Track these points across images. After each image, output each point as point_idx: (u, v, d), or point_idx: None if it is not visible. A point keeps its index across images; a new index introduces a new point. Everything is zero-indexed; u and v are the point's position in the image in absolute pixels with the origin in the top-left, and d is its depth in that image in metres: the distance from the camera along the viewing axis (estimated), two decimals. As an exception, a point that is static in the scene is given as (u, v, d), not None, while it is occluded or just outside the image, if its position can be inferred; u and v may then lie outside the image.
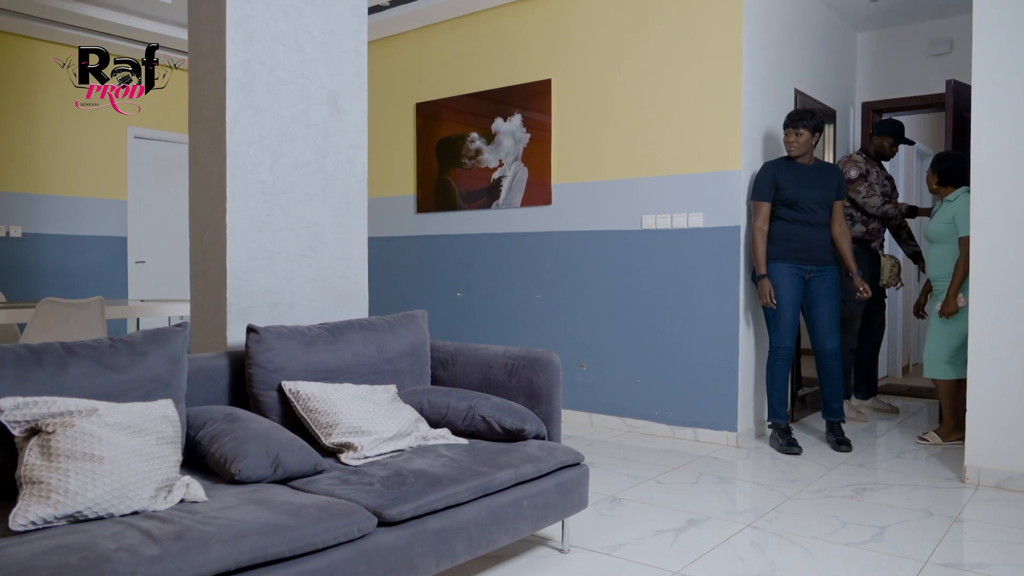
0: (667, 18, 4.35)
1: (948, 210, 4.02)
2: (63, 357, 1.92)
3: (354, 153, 3.12)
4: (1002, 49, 3.39)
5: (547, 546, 2.65)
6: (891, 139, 4.77)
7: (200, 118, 2.80)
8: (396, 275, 5.66)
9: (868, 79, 5.56)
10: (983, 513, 3.05)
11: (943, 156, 4.21)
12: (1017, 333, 3.34)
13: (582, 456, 2.55)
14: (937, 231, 4.07)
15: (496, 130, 5.07)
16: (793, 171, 4.02)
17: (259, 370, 2.41)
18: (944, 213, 4.04)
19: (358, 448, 2.25)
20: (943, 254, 4.05)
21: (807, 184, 4.01)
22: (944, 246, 4.04)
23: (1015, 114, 3.36)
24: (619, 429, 4.53)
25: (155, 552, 1.49)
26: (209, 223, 2.77)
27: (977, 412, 3.44)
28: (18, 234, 5.97)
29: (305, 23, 2.93)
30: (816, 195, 4.02)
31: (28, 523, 1.58)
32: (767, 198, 4.02)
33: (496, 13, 5.09)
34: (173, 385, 2.10)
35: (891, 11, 5.13)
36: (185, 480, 1.88)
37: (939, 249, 4.07)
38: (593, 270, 4.64)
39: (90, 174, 6.38)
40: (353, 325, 2.72)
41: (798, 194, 3.99)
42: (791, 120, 4.03)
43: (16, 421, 1.74)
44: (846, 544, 2.69)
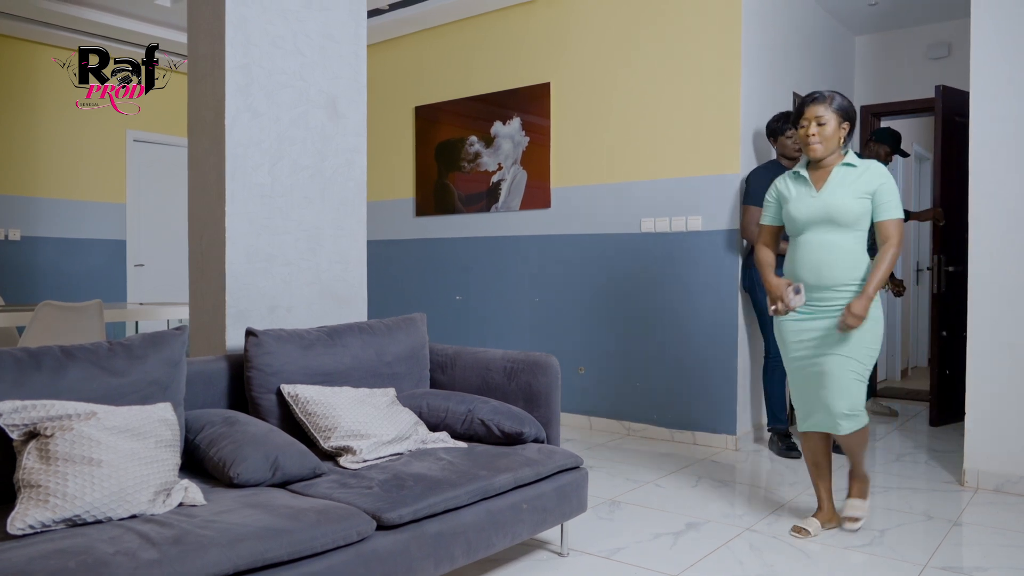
0: (666, 22, 4.36)
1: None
2: (61, 360, 1.92)
3: (353, 156, 3.12)
4: (999, 54, 3.39)
5: (546, 550, 2.65)
6: (888, 147, 4.76)
7: (199, 121, 2.81)
8: (395, 278, 5.66)
9: (866, 83, 5.57)
10: (982, 516, 3.04)
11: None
12: (1015, 335, 3.34)
13: (581, 459, 2.54)
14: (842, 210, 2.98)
15: (495, 133, 5.08)
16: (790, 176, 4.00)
17: (258, 373, 2.40)
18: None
19: (357, 452, 2.25)
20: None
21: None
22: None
23: (1013, 118, 3.36)
24: (618, 432, 4.53)
25: (153, 556, 1.49)
26: (208, 226, 2.77)
27: (976, 415, 3.44)
28: (17, 237, 5.96)
29: (303, 27, 2.93)
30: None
31: (26, 527, 1.58)
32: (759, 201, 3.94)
33: (495, 17, 5.09)
34: (172, 388, 2.10)
35: (889, 15, 5.14)
36: (183, 484, 1.88)
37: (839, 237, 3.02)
38: (592, 273, 4.64)
39: (89, 177, 6.37)
40: (352, 328, 2.72)
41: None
42: (787, 120, 3.98)
43: (14, 424, 1.73)
44: (845, 547, 2.69)
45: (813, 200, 2.73)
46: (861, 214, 2.68)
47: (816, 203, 2.72)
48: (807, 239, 2.74)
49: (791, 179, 2.85)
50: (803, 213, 2.75)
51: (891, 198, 2.67)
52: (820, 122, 2.71)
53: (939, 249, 4.60)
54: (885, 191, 2.68)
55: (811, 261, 2.72)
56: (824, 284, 2.70)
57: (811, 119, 2.73)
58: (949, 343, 4.65)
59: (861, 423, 2.74)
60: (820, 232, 2.72)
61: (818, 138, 2.71)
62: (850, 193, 2.68)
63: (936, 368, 4.66)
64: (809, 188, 2.76)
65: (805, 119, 2.75)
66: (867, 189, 2.68)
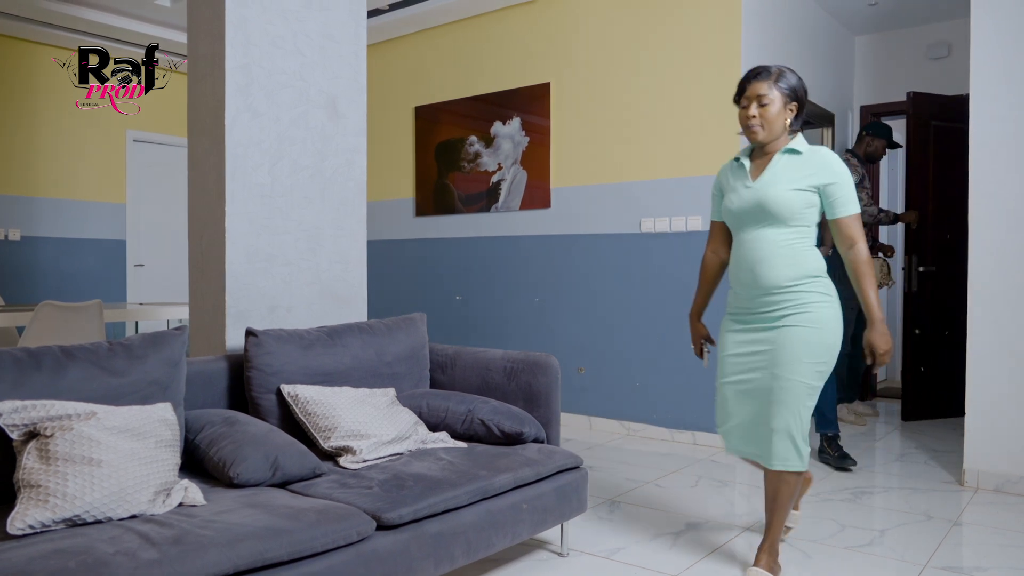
0: (666, 22, 4.36)
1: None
2: (61, 360, 1.91)
3: (353, 156, 3.12)
4: (999, 54, 3.39)
5: (546, 550, 2.65)
6: (885, 141, 4.78)
7: (199, 121, 2.81)
8: (395, 278, 5.66)
9: (866, 83, 5.57)
10: (982, 516, 3.04)
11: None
12: (1015, 337, 3.34)
13: (581, 460, 2.54)
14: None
15: (495, 133, 5.08)
16: None
17: (258, 373, 2.40)
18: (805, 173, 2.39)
19: (357, 452, 2.25)
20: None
21: None
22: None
23: (1012, 118, 3.36)
24: (618, 432, 4.53)
25: (153, 556, 1.49)
26: (208, 226, 2.77)
27: (976, 415, 3.44)
28: (17, 237, 5.96)
29: (303, 27, 2.93)
30: None
31: (26, 527, 1.58)
32: None
33: (495, 17, 5.09)
34: (172, 388, 2.10)
35: (889, 15, 5.14)
36: (183, 484, 1.88)
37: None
38: (592, 273, 4.64)
39: (89, 177, 6.37)
40: (352, 328, 2.72)
41: None
42: None
43: (14, 424, 1.73)
44: (845, 548, 2.69)
45: (747, 191, 2.34)
46: (802, 207, 2.27)
47: (749, 195, 2.33)
48: (744, 236, 2.36)
49: (731, 167, 2.47)
50: (736, 205, 2.37)
51: (847, 191, 2.27)
52: (762, 102, 2.30)
53: (911, 250, 4.81)
54: (840, 184, 2.27)
55: (746, 260, 2.34)
56: (761, 287, 2.30)
57: (752, 98, 2.33)
58: (922, 340, 4.84)
59: (798, 464, 2.27)
60: (756, 227, 2.32)
61: (759, 120, 2.31)
62: (789, 183, 2.27)
63: (910, 365, 4.85)
64: (746, 178, 2.37)
65: (746, 98, 2.35)
66: (814, 181, 2.27)
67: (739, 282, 2.38)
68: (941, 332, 4.82)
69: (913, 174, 4.84)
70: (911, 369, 4.85)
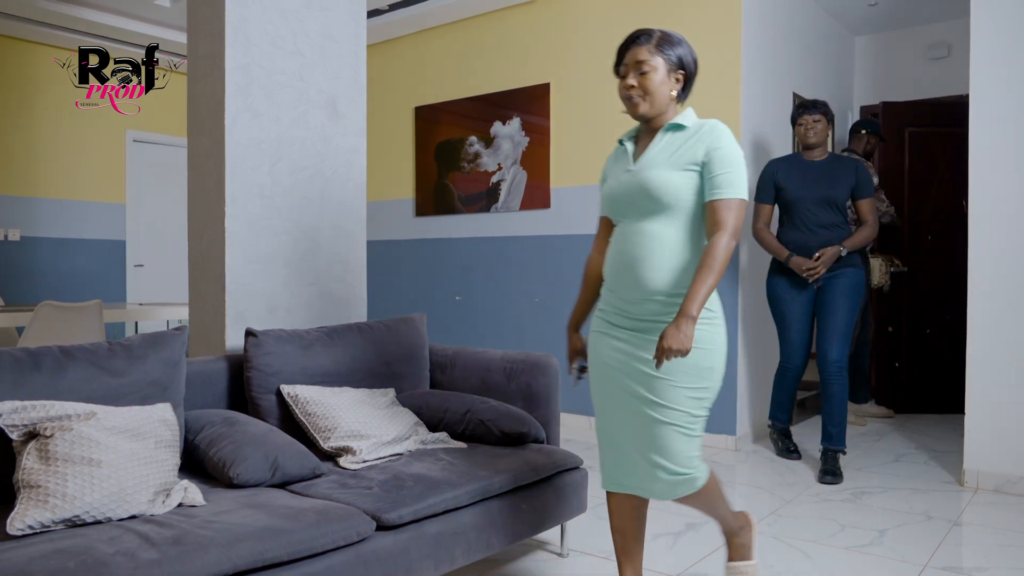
0: (665, 22, 4.34)
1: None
2: (61, 361, 1.91)
3: (352, 157, 3.12)
4: (999, 54, 3.39)
5: (546, 550, 2.65)
6: (879, 138, 4.80)
7: (199, 121, 2.81)
8: (395, 279, 5.66)
9: (866, 83, 5.57)
10: (982, 516, 3.04)
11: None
12: (1014, 336, 3.34)
13: (581, 460, 2.54)
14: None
15: (495, 134, 5.08)
16: (799, 168, 3.68)
17: (257, 374, 2.40)
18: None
19: (356, 452, 2.25)
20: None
21: (809, 183, 3.62)
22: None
23: (1012, 118, 3.36)
24: (618, 433, 4.52)
25: (153, 556, 1.49)
26: (207, 226, 2.77)
27: (976, 415, 3.44)
28: (16, 237, 5.96)
29: (303, 27, 2.93)
30: (817, 195, 3.59)
31: (26, 527, 1.58)
32: (766, 199, 3.75)
33: (495, 17, 5.09)
34: (171, 389, 2.10)
35: (889, 15, 5.14)
36: (183, 484, 1.88)
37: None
38: (592, 274, 4.63)
39: (88, 178, 6.37)
40: (351, 329, 2.72)
41: (796, 195, 3.63)
42: (805, 108, 3.69)
43: (14, 425, 1.73)
44: (845, 548, 2.69)
45: (627, 176, 1.96)
46: (688, 193, 1.87)
47: (628, 179, 1.95)
48: (623, 229, 1.97)
49: (615, 151, 2.11)
50: (613, 192, 1.99)
51: (728, 170, 1.85)
52: (642, 69, 1.93)
53: (887, 250, 5.01)
54: (720, 159, 1.86)
55: (621, 258, 1.93)
56: (643, 290, 1.88)
57: (631, 66, 1.97)
58: (895, 337, 5.13)
59: (694, 484, 1.93)
60: (637, 219, 1.92)
61: (640, 91, 1.94)
62: (670, 163, 1.89)
63: (885, 361, 5.15)
64: (628, 161, 2.00)
65: (624, 65, 1.99)
66: (694, 158, 1.87)
67: (617, 282, 1.96)
68: (917, 330, 5.10)
69: (889, 179, 5.10)
70: (886, 365, 5.17)
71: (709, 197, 1.86)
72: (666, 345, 1.76)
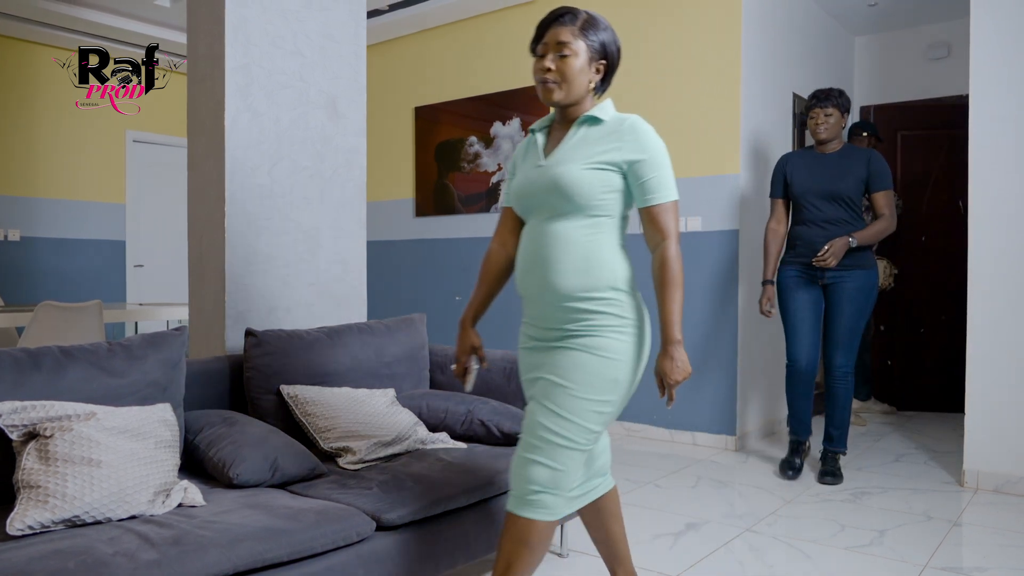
0: (666, 23, 4.36)
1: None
2: (61, 361, 1.91)
3: (352, 157, 3.12)
4: (999, 54, 3.39)
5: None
6: (877, 138, 4.84)
7: (199, 121, 2.81)
8: (394, 279, 5.66)
9: (866, 83, 5.57)
10: (982, 517, 3.04)
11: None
12: (1014, 337, 3.34)
13: (581, 460, 2.54)
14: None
15: (495, 134, 5.08)
16: (808, 161, 3.55)
17: (257, 374, 2.40)
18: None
19: (356, 452, 2.25)
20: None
21: (818, 176, 3.48)
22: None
23: (1012, 118, 3.36)
24: (617, 433, 4.53)
25: (153, 557, 1.49)
26: (207, 227, 2.77)
27: (976, 416, 3.44)
28: (16, 238, 5.96)
29: (303, 27, 2.93)
30: (825, 188, 3.44)
31: (26, 527, 1.58)
32: (777, 194, 3.64)
33: (495, 17, 5.09)
34: (171, 389, 2.10)
35: (889, 15, 5.14)
36: (183, 484, 1.88)
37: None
38: (592, 274, 4.63)
39: (88, 178, 6.37)
40: (351, 329, 2.71)
41: (801, 188, 3.51)
42: (817, 99, 3.50)
43: (14, 425, 1.73)
44: (845, 548, 2.69)
45: (536, 171, 1.81)
46: (601, 192, 1.73)
47: (537, 175, 1.80)
48: (532, 229, 1.82)
49: (526, 142, 1.95)
50: (521, 188, 1.84)
51: (658, 172, 1.73)
52: (563, 52, 1.77)
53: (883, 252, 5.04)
54: (650, 163, 1.73)
55: (530, 260, 1.80)
56: (553, 294, 1.75)
57: (551, 45, 1.78)
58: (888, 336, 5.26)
59: (548, 508, 1.70)
60: (546, 218, 1.78)
61: (557, 76, 1.77)
62: (585, 159, 1.74)
63: (877, 359, 5.24)
64: (538, 154, 1.84)
65: (544, 44, 1.80)
66: (615, 157, 1.73)
67: (526, 285, 1.82)
68: (911, 329, 5.23)
69: None
70: (880, 364, 5.27)
71: (644, 204, 1.75)
72: (671, 381, 1.74)
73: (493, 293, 2.06)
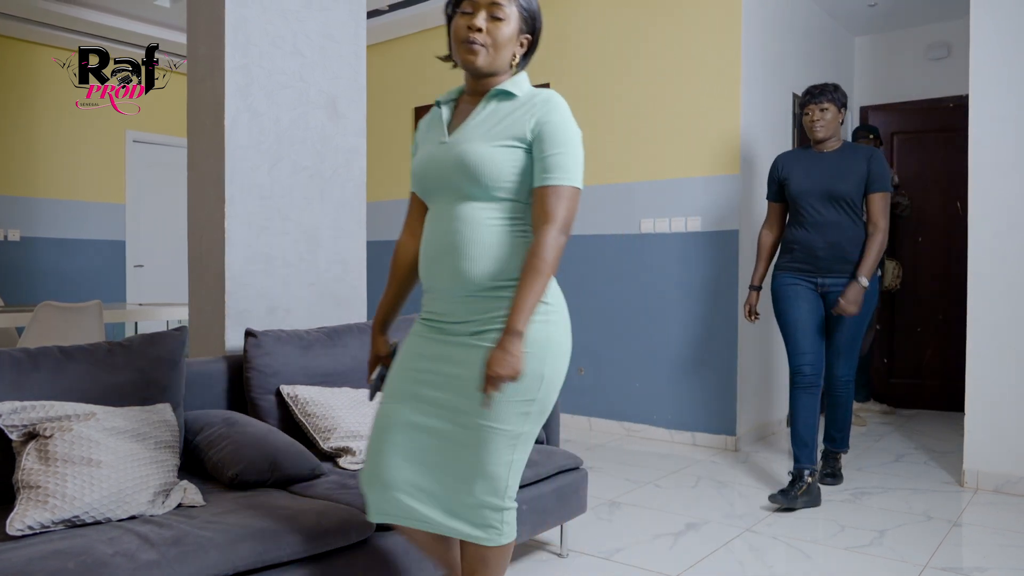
0: (666, 23, 4.36)
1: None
2: (61, 361, 1.91)
3: (352, 157, 3.12)
4: (999, 54, 3.39)
5: (546, 551, 2.65)
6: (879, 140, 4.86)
7: (198, 122, 2.80)
8: (394, 279, 5.65)
9: (866, 83, 5.57)
10: (982, 517, 3.04)
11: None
12: (1015, 337, 3.34)
13: (580, 460, 2.54)
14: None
15: (495, 134, 5.07)
16: (804, 161, 3.33)
17: (257, 374, 2.40)
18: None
19: (356, 452, 2.25)
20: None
21: (816, 176, 3.26)
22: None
23: (1012, 118, 3.36)
24: (617, 433, 4.53)
25: (152, 557, 1.49)
26: (207, 227, 2.77)
27: (976, 415, 3.44)
28: (16, 238, 5.96)
29: (303, 27, 2.93)
30: (824, 189, 3.22)
31: (25, 528, 1.58)
32: (772, 196, 3.46)
33: (495, 17, 5.09)
34: (171, 389, 2.09)
35: (889, 15, 5.14)
36: (183, 484, 1.88)
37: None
38: (591, 274, 4.64)
39: (88, 178, 6.37)
40: (351, 329, 2.71)
41: (798, 189, 3.29)
42: (812, 95, 3.30)
43: (14, 425, 1.73)
44: (845, 548, 2.69)
45: (440, 148, 1.62)
46: (510, 173, 1.55)
47: (441, 153, 1.61)
48: (437, 212, 1.64)
49: (430, 116, 1.75)
50: (424, 167, 1.65)
51: (560, 150, 1.54)
52: (495, 14, 1.59)
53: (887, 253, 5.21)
54: (552, 137, 1.54)
55: (437, 248, 1.61)
56: (457, 284, 1.58)
57: (483, 4, 1.59)
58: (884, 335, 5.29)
59: (507, 534, 1.60)
60: (451, 200, 1.59)
61: (486, 38, 1.59)
62: (492, 137, 1.56)
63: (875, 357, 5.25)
64: (442, 130, 1.66)
65: (472, 2, 1.60)
66: (521, 132, 1.55)
67: (431, 275, 1.64)
68: (909, 329, 5.29)
69: None
70: (879, 363, 5.30)
71: (538, 182, 1.54)
72: (493, 372, 1.45)
73: (406, 292, 1.84)
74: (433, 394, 1.58)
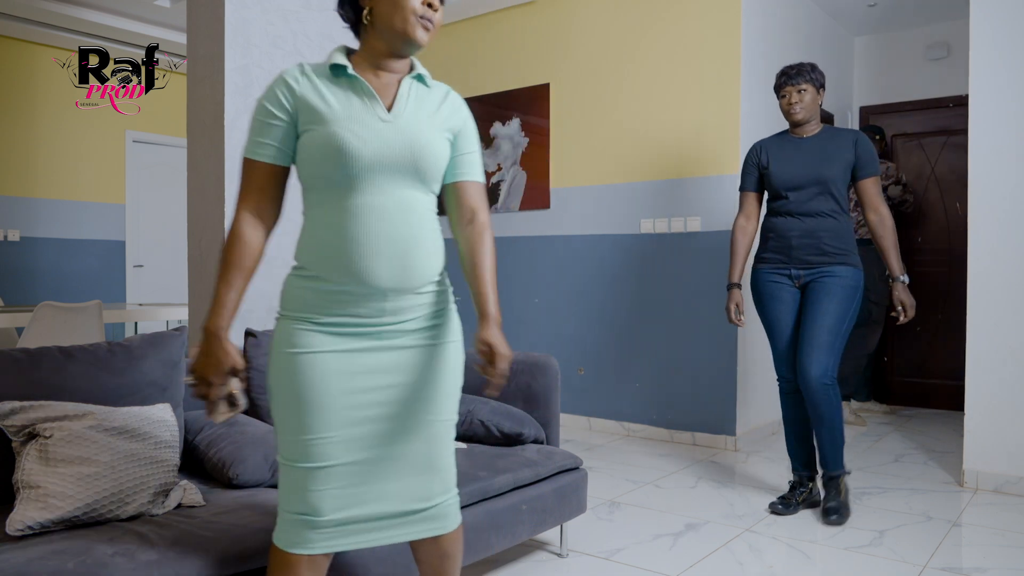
0: (666, 23, 4.36)
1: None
2: (61, 361, 1.91)
3: (352, 157, 3.12)
4: (998, 54, 3.39)
5: (545, 551, 2.65)
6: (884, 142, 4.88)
7: (198, 122, 2.80)
8: (394, 279, 5.65)
9: (866, 83, 5.57)
10: (982, 517, 3.04)
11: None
12: (1015, 337, 3.34)
13: (580, 460, 2.54)
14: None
15: (494, 134, 5.08)
16: (785, 147, 3.09)
17: (257, 374, 2.40)
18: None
19: (356, 452, 2.24)
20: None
21: (798, 163, 3.01)
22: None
23: (1012, 118, 3.36)
24: (617, 433, 4.53)
25: (152, 557, 1.49)
26: (207, 227, 2.77)
27: (976, 416, 3.44)
28: (16, 238, 5.96)
29: (303, 27, 2.93)
30: (803, 173, 2.98)
31: (25, 528, 1.58)
32: (749, 186, 3.17)
33: (495, 17, 5.09)
34: (171, 389, 2.10)
35: (888, 16, 5.14)
36: (183, 484, 1.88)
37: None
38: (591, 274, 4.64)
39: (88, 178, 6.38)
40: (351, 329, 2.71)
41: (780, 177, 3.03)
42: (788, 76, 3.03)
43: (14, 425, 1.73)
44: (845, 548, 2.69)
45: (386, 127, 1.45)
46: (444, 165, 1.55)
47: (392, 133, 1.45)
48: (365, 200, 1.44)
49: (321, 73, 1.49)
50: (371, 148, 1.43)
51: (478, 147, 1.63)
52: None
53: None
54: (473, 134, 1.62)
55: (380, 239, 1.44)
56: (409, 281, 1.48)
57: None
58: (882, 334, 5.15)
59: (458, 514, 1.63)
60: (395, 187, 1.45)
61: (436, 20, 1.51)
62: (434, 125, 1.51)
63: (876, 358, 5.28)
64: (372, 101, 1.47)
65: None
66: (452, 126, 1.56)
67: (365, 273, 1.44)
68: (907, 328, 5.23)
69: None
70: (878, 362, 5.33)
71: (467, 176, 1.58)
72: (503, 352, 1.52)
73: (244, 288, 1.58)
74: (374, 412, 1.46)
